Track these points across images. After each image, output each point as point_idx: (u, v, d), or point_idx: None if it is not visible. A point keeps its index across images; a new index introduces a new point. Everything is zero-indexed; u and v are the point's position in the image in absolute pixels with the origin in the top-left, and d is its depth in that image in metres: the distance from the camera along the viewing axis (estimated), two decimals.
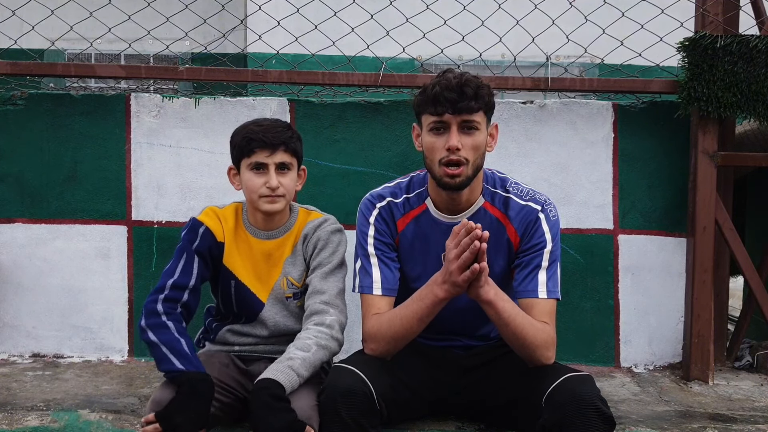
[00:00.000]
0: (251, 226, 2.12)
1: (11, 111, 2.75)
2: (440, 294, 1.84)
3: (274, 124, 2.05)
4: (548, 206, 2.00)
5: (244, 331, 2.13)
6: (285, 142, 2.01)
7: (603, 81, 2.79)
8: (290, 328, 2.11)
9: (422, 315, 1.87)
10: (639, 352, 2.79)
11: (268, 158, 2.00)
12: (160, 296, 1.96)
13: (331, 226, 2.12)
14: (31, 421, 2.10)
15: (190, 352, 1.86)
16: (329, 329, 1.96)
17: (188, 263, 2.02)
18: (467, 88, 1.83)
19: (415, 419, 2.08)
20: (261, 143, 1.99)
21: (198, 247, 2.04)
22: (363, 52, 2.89)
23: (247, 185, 2.03)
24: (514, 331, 1.84)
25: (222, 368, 2.00)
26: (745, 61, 2.59)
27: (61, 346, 2.76)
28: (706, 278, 2.64)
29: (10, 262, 2.75)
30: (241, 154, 2.03)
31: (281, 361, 1.84)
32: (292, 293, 2.11)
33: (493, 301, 1.82)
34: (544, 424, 1.76)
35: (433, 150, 1.89)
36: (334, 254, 2.08)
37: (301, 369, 1.83)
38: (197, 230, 2.06)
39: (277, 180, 2.00)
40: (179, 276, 2.00)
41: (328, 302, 2.00)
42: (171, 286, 1.97)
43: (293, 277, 2.11)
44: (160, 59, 4.75)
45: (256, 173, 2.01)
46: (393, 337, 1.90)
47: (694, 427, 2.16)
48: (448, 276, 1.80)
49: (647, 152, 2.79)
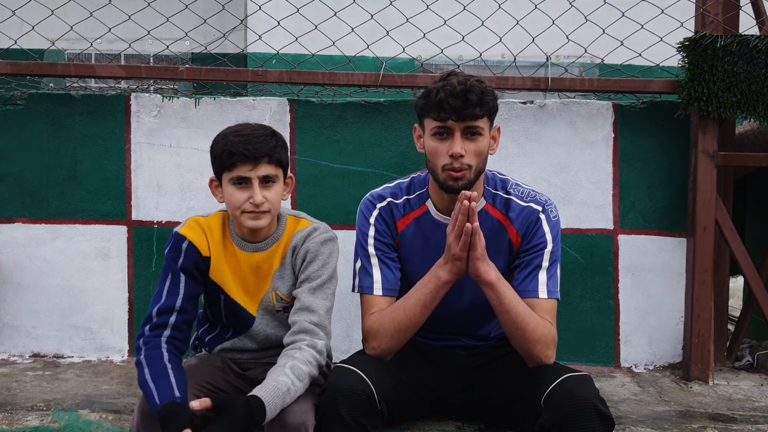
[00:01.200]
0: (237, 237, 1.99)
1: (11, 111, 2.75)
2: (443, 275, 1.84)
3: (255, 133, 1.88)
4: (549, 207, 2.00)
5: (235, 347, 2.05)
6: (269, 153, 1.86)
7: (603, 81, 2.79)
8: (281, 338, 1.99)
9: (426, 301, 1.87)
10: (639, 352, 2.79)
11: (250, 172, 1.85)
12: (146, 328, 1.88)
13: (320, 236, 1.98)
14: (31, 421, 2.10)
15: (155, 388, 1.73)
16: (320, 355, 1.85)
17: (174, 284, 1.92)
18: (472, 95, 1.82)
19: (416, 419, 2.08)
20: (242, 157, 1.83)
21: (183, 264, 1.93)
22: (363, 52, 2.89)
23: (229, 200, 1.90)
24: (514, 319, 1.84)
25: (215, 372, 1.98)
26: (745, 61, 2.59)
27: (61, 346, 2.76)
28: (706, 278, 2.64)
29: (10, 262, 2.75)
30: (221, 168, 1.88)
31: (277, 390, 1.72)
32: (282, 307, 2.01)
33: (495, 283, 1.83)
34: (544, 424, 1.76)
35: (436, 155, 1.89)
36: (323, 267, 1.96)
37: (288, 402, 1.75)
38: (180, 246, 1.94)
39: (262, 195, 1.86)
40: (165, 299, 1.90)
41: (318, 324, 1.89)
42: (156, 312, 1.88)
43: (282, 292, 2.00)
44: (160, 59, 4.75)
45: (238, 188, 1.87)
46: (396, 330, 1.89)
47: (694, 427, 2.16)
48: (448, 251, 1.81)
49: (647, 152, 2.79)
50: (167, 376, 1.75)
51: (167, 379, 1.75)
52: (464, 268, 1.83)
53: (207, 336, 2.11)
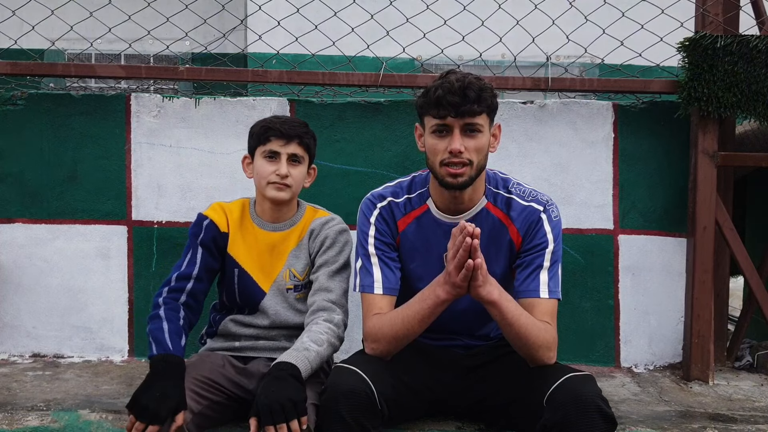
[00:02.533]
0: (258, 217, 2.19)
1: (11, 111, 2.75)
2: (442, 295, 1.83)
3: (293, 119, 2.18)
4: (550, 207, 2.00)
5: (245, 321, 2.17)
6: (300, 135, 2.12)
7: (603, 81, 2.79)
8: (290, 320, 2.15)
9: (424, 316, 1.87)
10: (639, 352, 2.79)
11: (281, 147, 2.09)
12: (165, 288, 2.06)
13: (338, 225, 2.18)
14: (31, 421, 2.10)
15: (169, 336, 1.90)
16: (337, 328, 2.02)
17: (193, 255, 2.12)
18: (470, 91, 1.83)
19: (416, 419, 2.08)
20: (277, 132, 2.09)
21: (202, 239, 2.14)
22: (363, 52, 2.90)
23: (258, 171, 2.13)
24: (518, 332, 1.84)
25: (214, 368, 2.00)
26: (746, 61, 2.59)
27: (61, 346, 2.76)
28: (706, 278, 2.64)
29: (10, 262, 2.75)
30: (257, 142, 2.13)
31: (297, 350, 1.88)
32: (293, 285, 2.16)
33: (497, 302, 1.82)
34: (545, 424, 1.76)
35: (435, 152, 1.89)
36: (340, 254, 2.14)
37: (314, 362, 1.89)
38: (201, 224, 2.16)
39: (287, 170, 2.09)
40: (185, 267, 2.10)
41: (335, 302, 2.06)
42: (176, 278, 2.08)
43: (296, 269, 2.16)
44: (160, 59, 4.76)
45: (268, 161, 2.11)
46: (394, 337, 1.90)
47: (694, 427, 2.16)
48: (447, 277, 1.81)
49: (647, 152, 2.79)
50: (181, 337, 1.95)
51: (180, 339, 1.95)
52: (463, 292, 1.82)
53: (218, 317, 2.22)
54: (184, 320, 2.01)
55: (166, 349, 1.87)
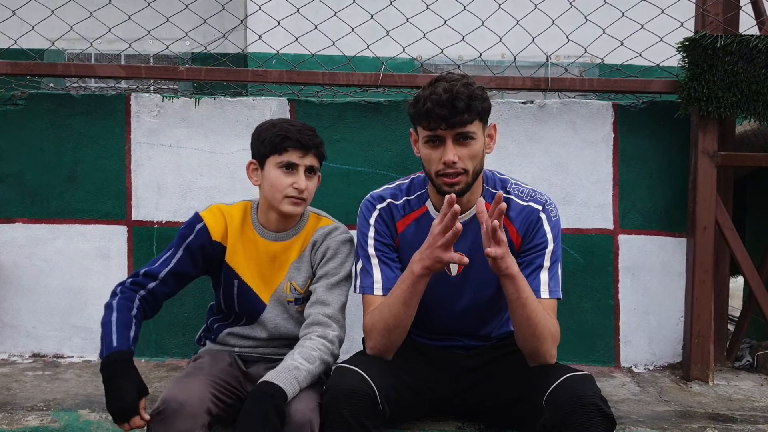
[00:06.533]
0: (260, 225, 2.08)
1: (11, 111, 2.75)
2: (416, 270, 1.82)
3: (305, 126, 2.02)
4: (549, 206, 1.99)
5: (244, 333, 2.12)
6: (317, 146, 2.00)
7: (603, 81, 2.79)
8: (290, 331, 2.09)
9: (405, 297, 1.85)
10: (639, 352, 2.79)
11: (300, 159, 1.97)
12: (129, 279, 1.98)
13: (342, 235, 2.08)
14: (32, 421, 2.10)
15: (116, 328, 1.85)
16: (331, 344, 1.94)
17: (171, 256, 2.02)
18: (458, 102, 1.80)
19: (416, 419, 2.08)
20: (296, 143, 1.96)
21: (190, 243, 2.03)
22: (363, 52, 2.90)
23: (273, 183, 1.98)
24: (528, 314, 1.82)
25: (225, 367, 2.00)
26: (745, 61, 2.59)
27: (61, 346, 2.76)
28: (706, 278, 2.64)
29: (10, 262, 2.75)
30: (271, 151, 1.98)
31: (287, 369, 1.81)
32: (294, 298, 2.08)
33: (516, 276, 1.80)
34: (545, 423, 1.76)
35: (430, 162, 1.89)
36: (342, 266, 2.05)
37: (304, 381, 1.82)
38: (194, 226, 2.05)
39: (306, 183, 1.98)
40: (157, 265, 2.01)
41: (331, 316, 1.98)
42: (144, 273, 1.99)
43: (297, 282, 2.08)
44: (160, 59, 4.75)
45: (285, 173, 1.97)
46: (385, 327, 1.88)
47: (694, 427, 2.16)
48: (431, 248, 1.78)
49: (647, 152, 2.79)
50: (130, 328, 1.87)
51: (129, 331, 1.87)
52: (438, 265, 1.81)
53: (216, 324, 2.16)
54: (138, 310, 1.93)
55: (110, 348, 1.81)
